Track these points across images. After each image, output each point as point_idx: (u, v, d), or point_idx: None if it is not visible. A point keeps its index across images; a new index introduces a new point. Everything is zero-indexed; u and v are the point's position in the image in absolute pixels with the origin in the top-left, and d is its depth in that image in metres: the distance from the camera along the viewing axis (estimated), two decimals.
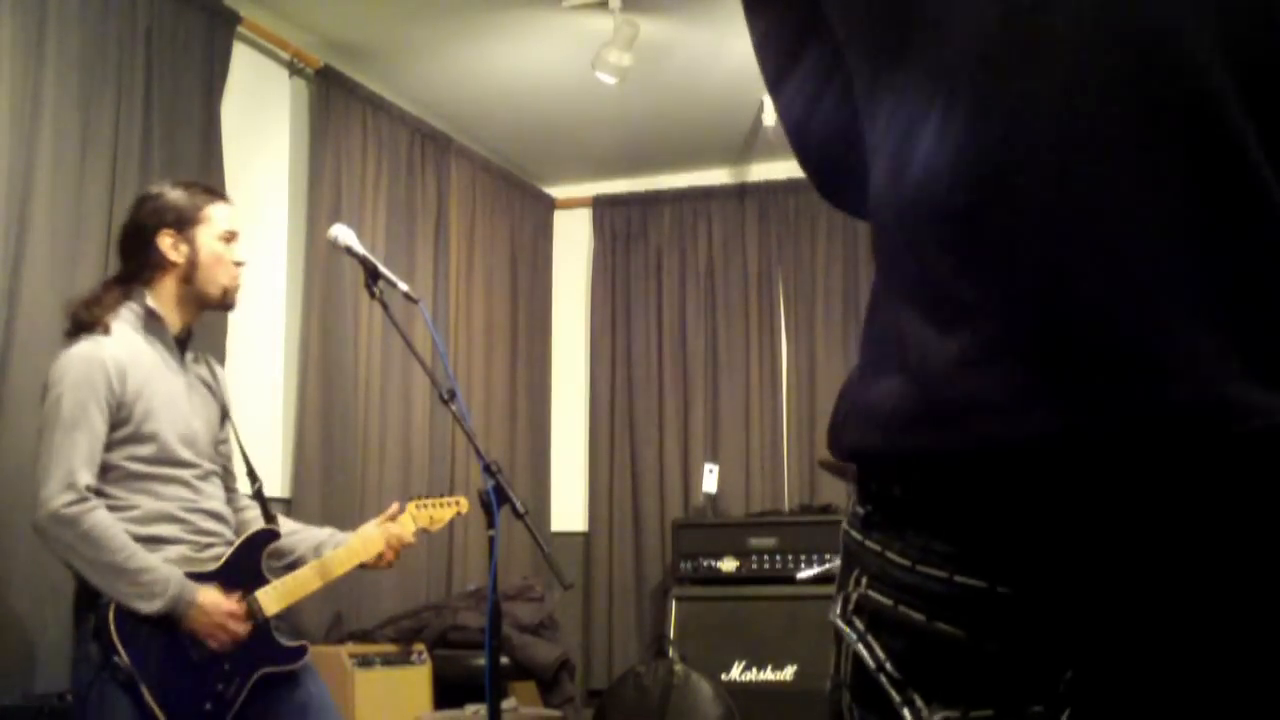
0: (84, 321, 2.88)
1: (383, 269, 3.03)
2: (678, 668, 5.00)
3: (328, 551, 3.08)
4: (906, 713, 0.90)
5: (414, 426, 5.45)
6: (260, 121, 4.93)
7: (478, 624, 4.70)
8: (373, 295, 3.01)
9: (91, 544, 2.71)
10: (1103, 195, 0.84)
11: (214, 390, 3.09)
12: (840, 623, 0.97)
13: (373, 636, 4.70)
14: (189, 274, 2.93)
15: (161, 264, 2.92)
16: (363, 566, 3.13)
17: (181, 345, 2.99)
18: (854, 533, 0.98)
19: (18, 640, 3.53)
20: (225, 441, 3.12)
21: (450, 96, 5.67)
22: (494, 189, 6.30)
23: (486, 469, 2.89)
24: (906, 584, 0.91)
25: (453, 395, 2.93)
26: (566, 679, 4.98)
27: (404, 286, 3.05)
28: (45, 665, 3.55)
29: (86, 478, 2.75)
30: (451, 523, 3.36)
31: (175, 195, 2.98)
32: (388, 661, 4.45)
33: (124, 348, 2.86)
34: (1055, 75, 0.85)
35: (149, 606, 2.72)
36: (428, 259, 5.67)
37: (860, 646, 0.94)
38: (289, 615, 3.04)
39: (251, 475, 3.16)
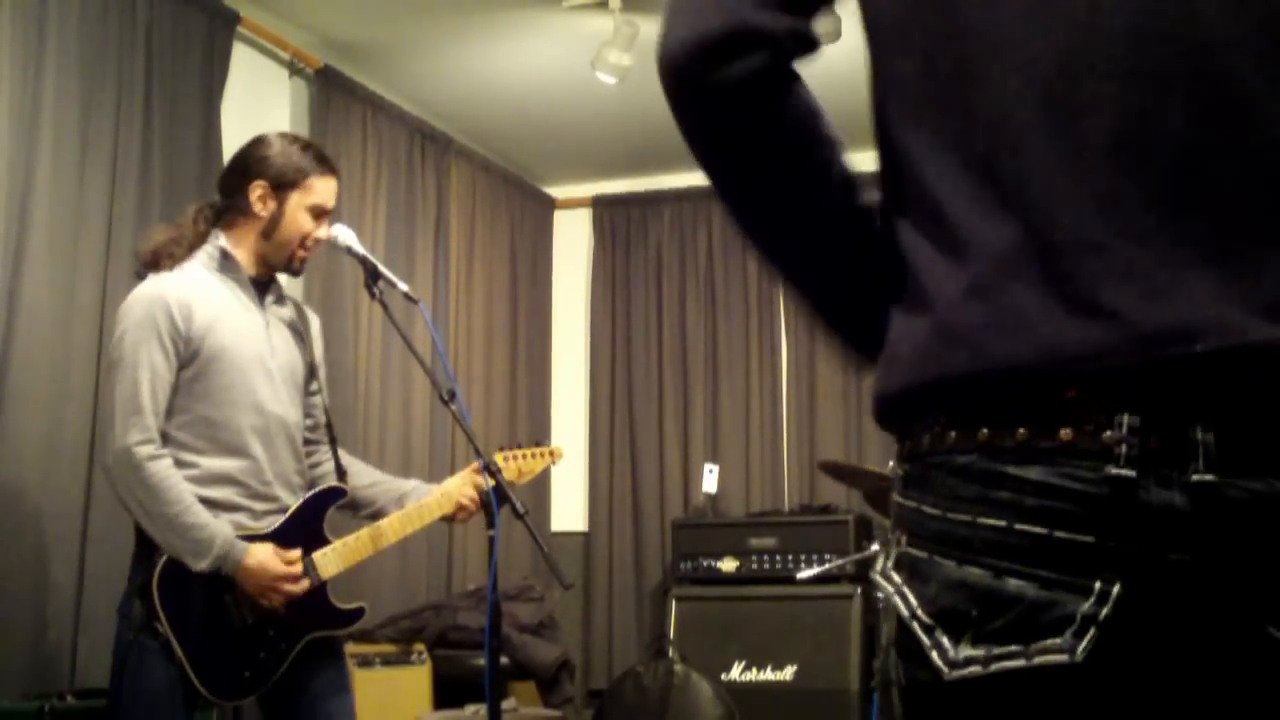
0: (151, 260, 2.85)
1: (383, 269, 3.03)
2: (678, 668, 5.00)
3: (410, 504, 3.01)
4: (935, 655, 0.93)
5: (414, 426, 5.45)
6: (260, 122, 4.92)
7: (478, 624, 4.70)
8: (373, 295, 3.00)
9: (150, 491, 2.69)
10: (1103, 142, 0.92)
11: (302, 336, 3.03)
12: (879, 578, 1.00)
13: (373, 636, 4.70)
14: (269, 231, 2.90)
15: (247, 211, 2.90)
16: (444, 519, 3.06)
17: (260, 288, 2.94)
18: (896, 495, 1.02)
19: (18, 640, 3.53)
20: (316, 393, 3.06)
21: (450, 96, 5.67)
22: (494, 189, 6.30)
23: (486, 469, 2.89)
24: (939, 533, 0.95)
25: (453, 395, 2.92)
26: (566, 679, 4.98)
27: (404, 286, 3.05)
28: (45, 665, 3.55)
29: (153, 417, 2.72)
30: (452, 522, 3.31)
31: (285, 152, 2.93)
32: (388, 661, 4.45)
33: (191, 284, 2.82)
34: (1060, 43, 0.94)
35: (198, 564, 2.70)
36: (428, 259, 5.67)
37: (897, 598, 0.97)
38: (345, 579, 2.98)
39: (329, 426, 3.09)
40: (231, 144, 4.52)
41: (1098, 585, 0.89)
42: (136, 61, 4.14)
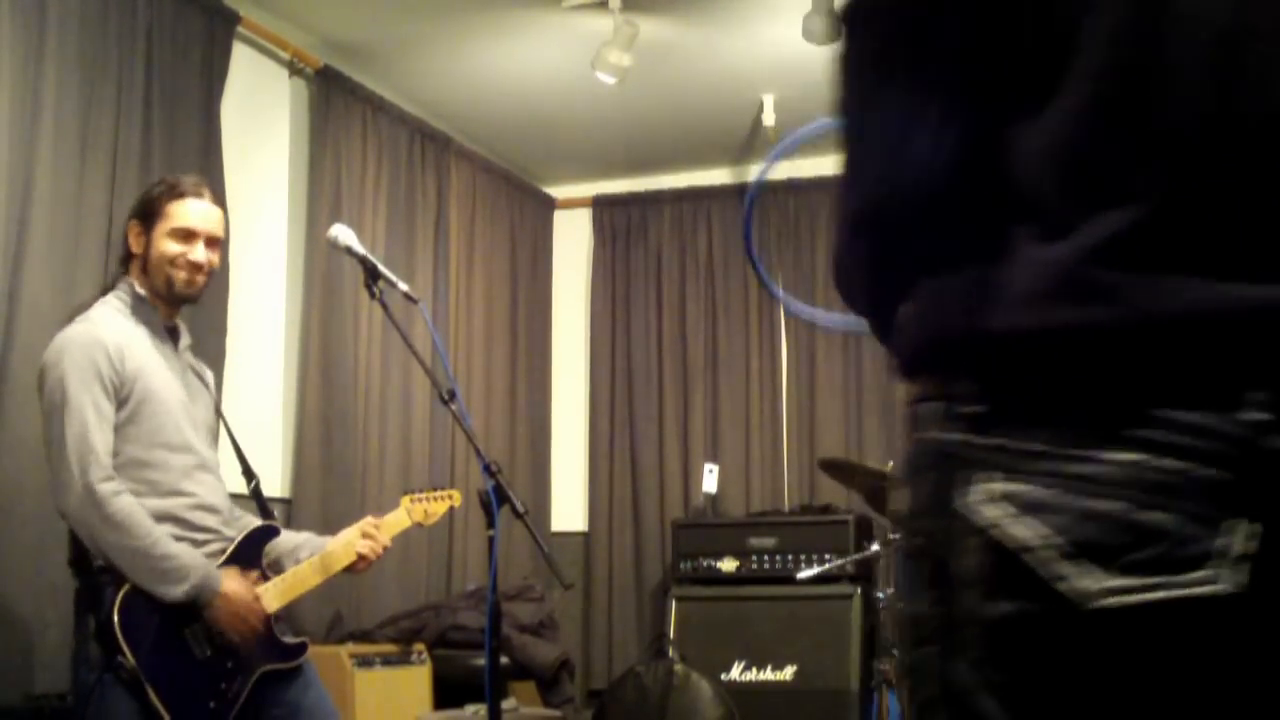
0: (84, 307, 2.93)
1: (383, 269, 3.03)
2: (678, 668, 5.00)
3: (302, 556, 3.05)
4: (1066, 585, 0.93)
5: (414, 426, 5.45)
6: (260, 121, 4.93)
7: (478, 624, 4.70)
8: (373, 295, 3.00)
9: (116, 527, 2.71)
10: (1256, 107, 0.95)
11: (207, 385, 3.10)
12: (976, 508, 0.97)
13: (373, 636, 4.70)
14: (145, 264, 2.95)
15: (131, 252, 2.98)
16: (347, 570, 3.11)
17: (172, 335, 3.00)
18: (957, 435, 1.00)
19: (18, 640, 3.53)
20: (216, 439, 3.12)
21: (450, 96, 5.67)
22: (494, 189, 6.30)
23: (486, 469, 2.89)
24: (1053, 469, 0.95)
25: (453, 395, 2.93)
26: (566, 679, 4.99)
27: (404, 286, 3.05)
28: (45, 665, 3.55)
29: (106, 456, 2.75)
30: (452, 522, 3.35)
31: (150, 189, 3.03)
32: (388, 661, 4.45)
33: (118, 329, 2.87)
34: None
35: (173, 592, 2.72)
36: (428, 259, 5.67)
37: (1012, 527, 0.95)
38: (288, 613, 3.04)
39: (248, 474, 3.15)
40: (231, 144, 4.55)
41: (1242, 522, 0.91)
42: (136, 61, 4.14)
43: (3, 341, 3.62)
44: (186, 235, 2.96)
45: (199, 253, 2.96)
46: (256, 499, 3.13)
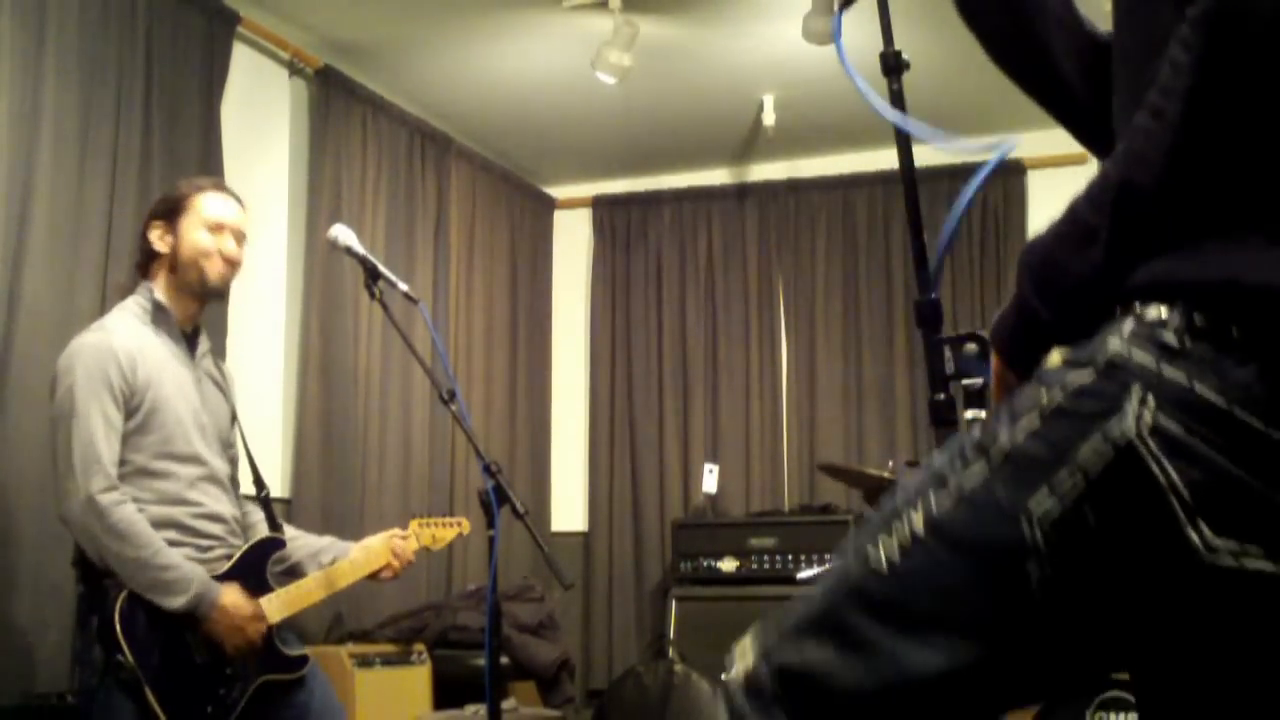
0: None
1: (383, 269, 3.03)
2: (678, 668, 5.00)
3: (325, 560, 3.08)
4: (1191, 533, 0.97)
5: (414, 426, 5.45)
6: (260, 121, 4.93)
7: (478, 624, 4.69)
8: (373, 295, 3.01)
9: (118, 537, 2.72)
10: None
11: (224, 391, 3.10)
12: (1136, 431, 1.00)
13: (373, 636, 4.70)
14: (173, 262, 2.96)
15: (154, 254, 2.97)
16: (367, 578, 3.15)
17: (190, 340, 3.00)
18: (1144, 353, 1.01)
19: (18, 640, 3.53)
20: (233, 445, 3.12)
21: (450, 96, 5.67)
22: (494, 189, 6.30)
23: (486, 469, 2.89)
24: (1213, 421, 0.98)
25: (453, 395, 2.93)
26: (566, 679, 4.98)
27: (404, 286, 3.05)
28: (45, 665, 3.55)
29: (111, 466, 2.76)
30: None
31: (174, 187, 3.04)
32: (388, 661, 4.45)
33: (132, 338, 2.87)
34: None
35: (172, 603, 2.73)
36: (428, 259, 5.67)
37: (1155, 467, 0.99)
38: (292, 619, 3.05)
39: (258, 482, 3.16)
40: (231, 144, 4.55)
41: None
42: (136, 62, 4.14)
43: (3, 342, 3.62)
44: (217, 228, 2.98)
45: (230, 245, 2.99)
46: (265, 509, 3.13)
